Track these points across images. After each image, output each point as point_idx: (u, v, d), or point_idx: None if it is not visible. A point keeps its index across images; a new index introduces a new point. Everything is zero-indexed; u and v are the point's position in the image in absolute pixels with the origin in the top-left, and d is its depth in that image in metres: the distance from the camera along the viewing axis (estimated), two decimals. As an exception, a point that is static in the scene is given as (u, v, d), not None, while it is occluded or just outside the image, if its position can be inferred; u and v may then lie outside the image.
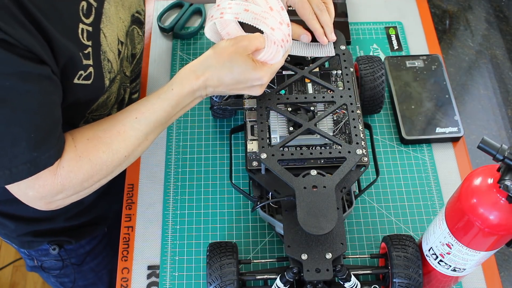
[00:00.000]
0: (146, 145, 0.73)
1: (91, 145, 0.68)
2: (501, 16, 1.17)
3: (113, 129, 0.70)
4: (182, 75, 0.71)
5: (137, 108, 0.71)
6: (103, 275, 1.06)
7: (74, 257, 0.98)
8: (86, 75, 0.70)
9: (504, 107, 1.08)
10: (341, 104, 0.77)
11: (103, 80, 0.74)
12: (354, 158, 0.73)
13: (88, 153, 0.68)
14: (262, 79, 0.71)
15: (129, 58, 0.83)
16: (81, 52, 0.68)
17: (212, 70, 0.70)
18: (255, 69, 0.71)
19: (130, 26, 0.81)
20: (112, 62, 0.75)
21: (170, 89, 0.71)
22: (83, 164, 0.67)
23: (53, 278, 1.01)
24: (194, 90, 0.71)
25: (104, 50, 0.73)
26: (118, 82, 0.80)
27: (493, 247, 0.63)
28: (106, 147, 0.69)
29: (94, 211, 0.95)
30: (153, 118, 0.70)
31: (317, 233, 0.66)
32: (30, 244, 0.92)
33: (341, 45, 0.84)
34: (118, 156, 0.69)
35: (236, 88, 0.72)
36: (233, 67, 0.70)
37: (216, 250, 0.72)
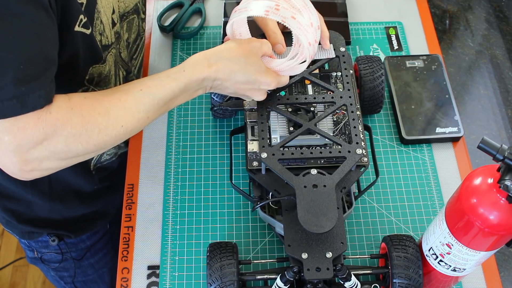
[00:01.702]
0: (145, 123, 0.68)
1: (88, 102, 0.63)
2: (501, 16, 1.17)
3: (115, 95, 0.65)
4: (194, 60, 0.70)
5: (144, 81, 0.68)
6: (104, 274, 1.06)
7: (74, 251, 0.98)
8: (85, 22, 0.67)
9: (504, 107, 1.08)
10: (341, 104, 0.77)
11: (95, 39, 0.72)
12: (354, 157, 0.73)
13: (81, 108, 0.62)
14: (270, 84, 0.72)
15: (125, 43, 0.82)
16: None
17: (226, 63, 0.70)
18: (267, 72, 0.71)
19: (132, 13, 0.81)
20: (105, 26, 0.74)
21: (182, 70, 0.69)
22: (73, 117, 0.61)
23: (53, 271, 1.01)
24: (204, 78, 0.69)
25: (99, 10, 0.72)
26: (113, 57, 0.78)
27: (493, 247, 0.63)
28: (103, 109, 0.63)
29: (93, 204, 0.95)
30: (158, 95, 0.67)
31: (317, 231, 0.66)
32: (30, 234, 0.93)
33: (340, 47, 0.84)
34: (114, 123, 0.64)
35: (243, 88, 0.72)
36: (247, 65, 0.70)
37: (216, 250, 0.72)
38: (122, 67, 0.83)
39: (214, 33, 1.04)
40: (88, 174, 0.89)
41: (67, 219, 0.93)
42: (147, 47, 1.03)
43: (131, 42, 0.85)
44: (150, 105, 0.67)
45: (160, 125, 0.94)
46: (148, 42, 1.03)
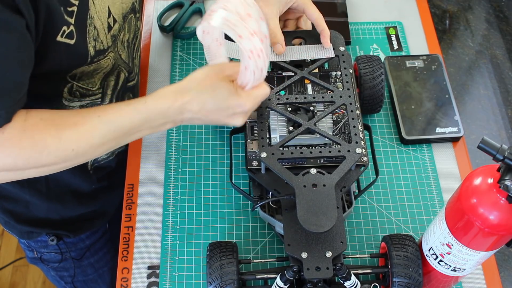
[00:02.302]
0: (99, 151, 0.67)
1: (42, 125, 0.63)
2: (501, 16, 1.17)
3: (72, 118, 0.65)
4: (160, 93, 0.68)
5: (104, 108, 0.67)
6: (104, 273, 1.06)
7: (73, 251, 0.98)
8: (69, 32, 0.67)
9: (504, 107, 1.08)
10: (340, 104, 0.77)
11: (86, 46, 0.71)
12: (353, 156, 0.73)
13: (34, 129, 0.63)
14: (244, 106, 0.68)
15: (124, 44, 0.82)
16: (63, 7, 0.65)
17: (193, 94, 0.67)
18: (237, 95, 0.68)
19: (129, 13, 0.80)
20: (99, 31, 0.73)
21: (144, 101, 0.67)
22: (23, 138, 0.62)
23: (53, 271, 1.01)
24: (168, 112, 0.67)
25: (92, 16, 0.71)
26: (111, 60, 0.78)
27: (493, 247, 0.63)
28: (55, 132, 0.63)
29: (92, 203, 0.95)
30: (116, 123, 0.66)
31: (317, 231, 0.66)
32: (29, 234, 0.93)
33: (340, 46, 0.84)
34: (64, 146, 0.64)
35: (217, 115, 0.69)
36: (215, 92, 0.67)
37: (216, 249, 0.72)
38: (124, 68, 0.83)
39: (214, 33, 1.04)
40: (86, 173, 0.89)
41: (65, 218, 0.93)
42: (147, 47, 1.03)
43: (130, 41, 0.85)
44: (106, 133, 0.66)
45: (160, 125, 0.94)
46: (148, 42, 1.03)
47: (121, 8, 0.78)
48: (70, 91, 0.76)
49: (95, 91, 0.79)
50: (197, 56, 1.01)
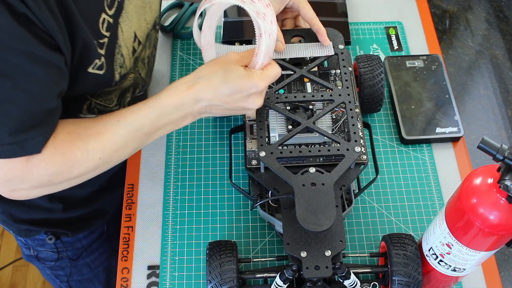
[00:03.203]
0: (124, 153, 0.70)
1: (69, 139, 0.66)
2: (501, 16, 1.17)
3: (94, 128, 0.68)
4: (172, 86, 0.69)
5: (122, 112, 0.69)
6: (99, 273, 1.06)
7: (70, 250, 0.98)
8: (100, 64, 0.69)
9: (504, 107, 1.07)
10: (339, 102, 0.77)
11: (113, 73, 0.73)
12: (352, 155, 0.73)
13: (63, 145, 0.66)
14: (258, 85, 0.68)
15: (145, 60, 0.83)
16: (96, 41, 0.68)
17: (205, 81, 0.67)
18: (249, 75, 0.68)
19: (151, 30, 0.81)
20: (125, 58, 0.75)
21: (158, 98, 0.68)
22: (55, 156, 0.65)
23: (48, 270, 1.01)
24: (184, 103, 0.68)
25: (120, 44, 0.73)
26: (131, 80, 0.79)
27: (493, 247, 0.63)
28: (82, 144, 0.66)
29: (92, 204, 0.95)
30: (135, 124, 0.68)
31: (315, 230, 0.66)
32: (27, 232, 0.93)
33: (339, 45, 0.84)
34: (92, 156, 0.67)
35: (233, 99, 0.69)
36: (226, 75, 0.67)
37: (215, 248, 0.72)
38: (140, 84, 0.84)
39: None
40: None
41: (65, 218, 0.93)
42: (147, 47, 1.03)
43: (151, 56, 0.86)
44: (128, 135, 0.68)
45: (160, 125, 0.94)
46: (148, 42, 1.03)
47: (146, 29, 0.79)
48: (89, 108, 0.77)
49: (113, 108, 0.81)
50: (197, 56, 1.01)
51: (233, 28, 1.02)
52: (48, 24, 0.58)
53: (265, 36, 0.67)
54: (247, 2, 0.66)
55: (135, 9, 0.75)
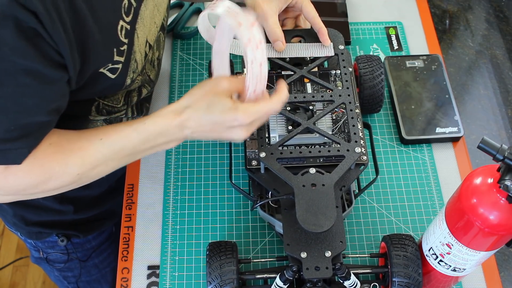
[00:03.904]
0: (104, 170, 0.69)
1: (50, 151, 0.66)
2: (501, 16, 1.17)
3: (77, 143, 0.67)
4: (159, 113, 0.68)
5: (106, 130, 0.68)
6: (107, 273, 1.06)
7: (80, 251, 0.98)
8: (113, 68, 0.69)
9: (504, 107, 1.07)
10: (339, 103, 0.77)
11: (125, 78, 0.73)
12: (353, 156, 0.73)
13: (43, 158, 0.65)
14: (240, 119, 0.65)
15: (154, 62, 0.83)
16: (116, 48, 0.68)
17: (190, 112, 0.66)
18: (234, 108, 0.65)
19: (159, 32, 0.81)
20: (138, 63, 0.75)
21: (143, 122, 0.67)
22: (34, 167, 0.65)
23: (57, 271, 1.02)
24: (168, 131, 0.67)
25: (135, 50, 0.73)
26: (139, 82, 0.79)
27: (493, 247, 0.63)
28: (62, 158, 0.66)
29: (102, 205, 0.95)
30: (117, 145, 0.67)
31: (316, 230, 0.66)
32: (38, 235, 0.93)
33: (339, 45, 0.84)
34: (70, 171, 0.66)
35: (215, 130, 0.67)
36: (210, 107, 0.65)
37: (216, 249, 0.72)
38: (148, 85, 0.84)
39: (214, 33, 1.04)
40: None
41: (76, 219, 0.93)
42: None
43: (160, 58, 0.86)
44: (109, 154, 0.67)
45: (160, 125, 0.94)
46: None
47: (156, 32, 0.79)
48: (97, 109, 0.77)
49: (120, 108, 0.81)
50: (197, 56, 1.01)
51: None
52: (58, 40, 0.58)
53: (255, 65, 0.64)
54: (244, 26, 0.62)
55: (149, 14, 0.76)
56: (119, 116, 0.82)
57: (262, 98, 0.67)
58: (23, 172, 0.64)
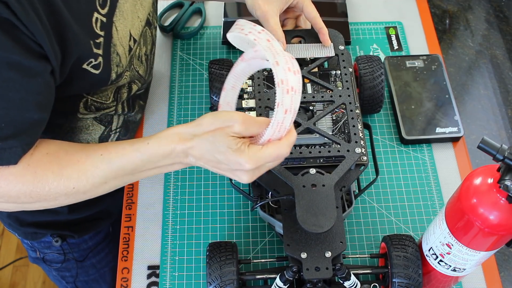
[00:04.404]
0: (101, 189, 0.67)
1: (46, 160, 0.64)
2: (501, 16, 1.17)
3: (75, 155, 0.65)
4: (164, 134, 0.65)
5: (107, 146, 0.66)
6: (105, 273, 1.06)
7: (76, 252, 0.98)
8: (96, 64, 0.68)
9: (504, 107, 1.07)
10: (340, 103, 0.77)
11: (110, 72, 0.72)
12: (353, 156, 0.73)
13: (37, 165, 0.63)
14: (243, 165, 0.60)
15: (141, 58, 0.82)
16: (92, 41, 0.67)
17: (195, 141, 0.62)
18: (239, 152, 0.60)
19: (144, 27, 0.81)
20: (121, 56, 0.74)
21: (146, 143, 0.64)
22: (26, 174, 0.63)
23: (55, 271, 1.02)
24: (172, 154, 0.64)
25: (115, 43, 0.72)
26: (128, 78, 0.78)
27: (493, 247, 0.63)
28: (58, 168, 0.64)
29: (97, 206, 0.95)
30: (117, 163, 0.65)
31: (316, 231, 0.66)
32: (33, 235, 0.93)
33: (340, 45, 0.84)
34: (65, 183, 0.64)
35: (218, 167, 0.64)
36: (215, 144, 0.61)
37: (216, 250, 0.72)
38: (138, 81, 0.83)
39: (214, 33, 1.04)
40: None
41: (71, 220, 0.93)
42: (147, 47, 1.03)
43: (149, 53, 0.85)
44: (109, 172, 0.65)
45: (160, 125, 0.94)
46: (148, 42, 1.03)
47: (140, 27, 0.79)
48: (85, 105, 0.77)
49: (109, 104, 0.80)
50: (197, 56, 1.01)
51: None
52: (35, 30, 0.57)
53: (279, 110, 0.59)
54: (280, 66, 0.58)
55: (130, 7, 0.75)
56: (108, 112, 0.81)
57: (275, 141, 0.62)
58: (15, 176, 0.63)
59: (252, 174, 0.63)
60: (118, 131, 0.86)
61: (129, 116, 0.87)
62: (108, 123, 0.83)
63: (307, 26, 0.89)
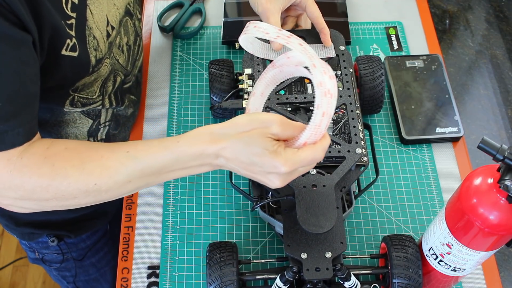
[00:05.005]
0: (126, 188, 0.63)
1: (66, 154, 0.62)
2: (501, 16, 1.17)
3: (99, 151, 0.63)
4: (195, 133, 0.62)
5: (134, 143, 0.64)
6: (106, 272, 1.06)
7: (74, 251, 0.98)
8: (72, 45, 0.67)
9: (504, 107, 1.08)
10: (340, 104, 0.77)
11: (88, 56, 0.71)
12: (353, 157, 0.73)
13: (56, 158, 0.61)
14: (279, 167, 0.59)
15: (122, 47, 0.82)
16: (63, 21, 0.66)
17: (229, 141, 0.60)
18: (275, 154, 0.59)
19: (124, 16, 0.80)
20: (99, 40, 0.73)
21: (176, 141, 0.62)
22: (43, 166, 0.60)
23: (55, 271, 1.02)
24: (202, 155, 0.61)
25: (90, 26, 0.71)
26: (109, 66, 0.77)
27: (493, 247, 0.63)
28: (79, 162, 0.61)
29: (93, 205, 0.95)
30: (145, 161, 0.62)
31: (316, 231, 0.66)
32: (30, 235, 0.93)
33: (340, 46, 0.84)
34: (86, 178, 0.61)
35: (251, 170, 0.61)
36: (250, 145, 0.59)
37: (216, 250, 0.72)
38: (121, 72, 0.83)
39: (214, 33, 1.04)
40: None
41: (66, 219, 0.93)
42: (147, 47, 1.03)
43: (132, 44, 0.85)
44: (133, 170, 0.62)
45: (160, 126, 0.94)
46: (148, 42, 1.03)
47: (118, 14, 0.78)
48: (71, 102, 0.76)
49: (95, 99, 0.79)
50: (197, 56, 1.01)
51: (233, 28, 1.02)
52: (11, 2, 0.56)
53: (317, 113, 0.58)
54: (317, 69, 0.57)
55: None
56: (95, 107, 0.80)
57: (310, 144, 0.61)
58: (29, 168, 0.60)
59: (285, 178, 0.61)
60: (107, 125, 0.86)
61: (118, 110, 0.86)
62: (96, 117, 0.83)
63: (307, 26, 0.89)
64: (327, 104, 0.58)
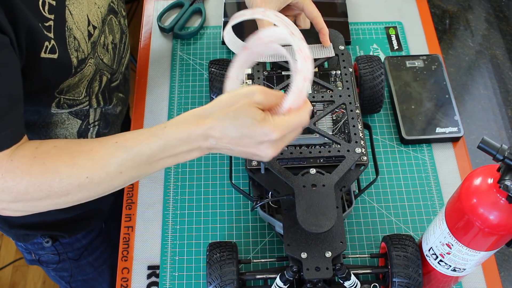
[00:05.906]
0: (117, 181, 0.63)
1: (55, 151, 0.62)
2: (501, 16, 1.17)
3: (88, 145, 0.63)
4: (181, 117, 0.62)
5: (123, 134, 0.64)
6: (104, 271, 1.06)
7: (70, 251, 0.98)
8: (51, 47, 0.67)
9: (504, 107, 1.07)
10: (340, 103, 0.77)
11: (69, 57, 0.71)
12: (353, 156, 0.73)
13: (46, 156, 0.61)
14: (270, 134, 0.59)
15: (107, 46, 0.81)
16: (41, 24, 0.65)
17: (215, 119, 0.60)
18: (264, 121, 0.59)
19: (107, 15, 0.80)
20: (80, 41, 0.73)
21: (163, 127, 0.62)
22: (34, 165, 0.60)
23: (53, 272, 1.01)
24: (190, 137, 0.61)
25: (70, 27, 0.71)
26: (93, 66, 0.77)
27: (493, 247, 0.63)
28: (69, 158, 0.61)
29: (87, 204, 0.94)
30: (134, 149, 0.62)
31: (316, 231, 0.66)
32: (24, 237, 0.92)
33: (340, 45, 0.84)
34: (78, 172, 0.61)
35: (242, 144, 0.61)
36: (238, 117, 0.60)
37: (216, 249, 0.72)
38: (107, 71, 0.83)
39: (214, 33, 1.04)
40: None
41: (60, 220, 0.92)
42: (147, 47, 1.03)
43: (117, 42, 0.84)
44: (124, 160, 0.62)
45: (160, 125, 0.94)
46: (148, 42, 1.03)
47: (99, 13, 0.78)
48: (58, 104, 0.76)
49: (82, 100, 0.79)
50: (197, 56, 1.01)
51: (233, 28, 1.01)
52: None
53: (299, 78, 0.60)
54: (296, 36, 0.60)
55: None
56: (83, 108, 0.80)
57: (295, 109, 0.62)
58: (21, 169, 0.60)
59: (277, 145, 0.62)
60: (97, 124, 0.86)
61: (106, 109, 0.86)
62: (84, 117, 0.83)
63: (306, 26, 0.89)
64: (307, 69, 0.60)
